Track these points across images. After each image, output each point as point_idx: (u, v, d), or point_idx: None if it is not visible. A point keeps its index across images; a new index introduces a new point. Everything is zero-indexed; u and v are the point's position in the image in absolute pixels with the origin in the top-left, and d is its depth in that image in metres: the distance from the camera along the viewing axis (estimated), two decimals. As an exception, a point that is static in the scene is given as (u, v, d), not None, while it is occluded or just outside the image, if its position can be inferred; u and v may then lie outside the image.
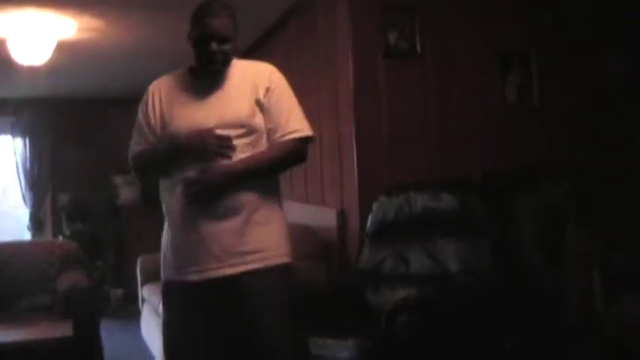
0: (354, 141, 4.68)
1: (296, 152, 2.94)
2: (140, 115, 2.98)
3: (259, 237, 2.85)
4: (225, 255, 2.79)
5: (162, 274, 2.98)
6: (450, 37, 4.88)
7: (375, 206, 4.32)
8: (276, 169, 2.98)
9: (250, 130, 2.85)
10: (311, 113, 3.24)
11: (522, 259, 3.98)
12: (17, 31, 5.93)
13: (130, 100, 9.37)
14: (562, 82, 5.00)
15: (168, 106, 2.91)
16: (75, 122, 9.57)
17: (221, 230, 2.78)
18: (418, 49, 4.79)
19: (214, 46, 2.80)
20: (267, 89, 2.90)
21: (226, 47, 2.83)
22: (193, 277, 2.81)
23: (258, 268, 2.82)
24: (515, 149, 4.83)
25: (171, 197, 2.88)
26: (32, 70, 6.73)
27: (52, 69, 6.91)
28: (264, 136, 2.89)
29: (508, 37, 4.98)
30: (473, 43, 4.92)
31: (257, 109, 2.88)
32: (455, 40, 4.89)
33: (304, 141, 2.95)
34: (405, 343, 3.53)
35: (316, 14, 5.36)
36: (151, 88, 3.00)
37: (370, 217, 4.33)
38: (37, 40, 5.99)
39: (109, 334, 5.87)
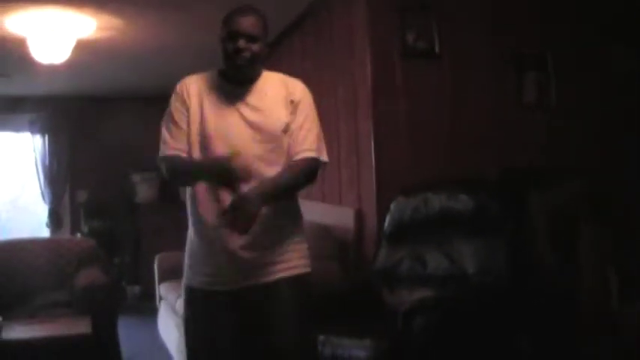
0: (371, 140, 4.68)
1: (308, 172, 2.96)
2: (175, 114, 2.94)
3: (282, 249, 2.91)
4: (252, 267, 2.86)
5: (185, 280, 3.03)
6: (467, 37, 4.87)
7: (392, 206, 4.32)
8: (293, 190, 2.99)
9: (279, 144, 2.89)
10: (329, 113, 3.28)
11: (537, 258, 3.97)
12: (37, 30, 5.96)
13: (149, 98, 9.48)
14: (579, 82, 4.99)
15: (201, 106, 2.90)
16: (93, 119, 9.60)
17: (247, 243, 2.83)
18: (436, 49, 4.79)
19: (242, 43, 2.82)
20: (292, 102, 2.93)
21: (255, 46, 2.85)
22: (219, 287, 2.88)
23: (281, 277, 2.89)
24: (532, 149, 4.82)
25: (198, 207, 2.91)
26: (52, 69, 6.77)
27: (71, 67, 6.95)
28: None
29: (525, 37, 4.97)
30: (490, 44, 4.91)
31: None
32: (472, 40, 4.88)
33: (316, 162, 2.97)
34: (421, 344, 3.54)
35: (333, 14, 5.36)
36: (183, 86, 2.96)
37: (387, 218, 4.33)
38: (57, 38, 6.02)
39: (126, 331, 5.89)
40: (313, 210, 5.35)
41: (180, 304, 5.35)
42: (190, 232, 2.99)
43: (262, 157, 2.86)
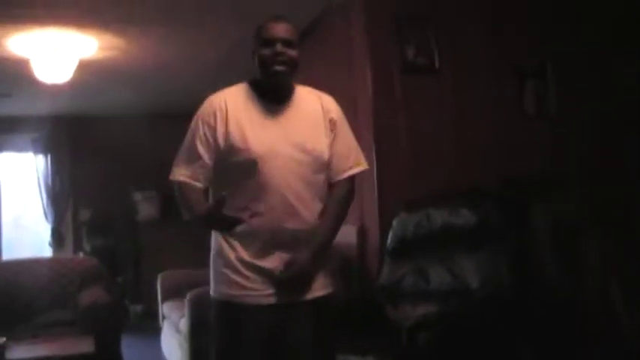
0: (373, 156, 4.69)
1: (351, 193, 3.03)
2: (198, 138, 2.83)
3: (320, 267, 2.91)
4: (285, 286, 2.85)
5: (215, 291, 2.95)
6: (466, 50, 4.89)
7: (394, 222, 4.32)
8: (343, 221, 3.04)
9: (322, 163, 2.90)
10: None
11: (540, 269, 3.97)
12: (40, 51, 6.00)
13: (152, 116, 9.46)
14: (578, 92, 5.00)
15: (241, 127, 2.81)
16: (95, 138, 9.61)
17: (284, 264, 2.82)
18: (436, 64, 4.81)
19: (279, 47, 2.79)
20: (331, 120, 2.95)
21: (291, 51, 2.82)
22: (263, 301, 2.83)
23: (320, 295, 2.91)
24: (533, 160, 4.83)
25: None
26: (54, 88, 6.79)
27: (74, 87, 6.98)
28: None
29: (524, 48, 4.99)
30: (489, 56, 4.92)
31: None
32: (471, 53, 4.90)
33: (354, 178, 3.03)
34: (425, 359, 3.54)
35: (333, 29, 5.39)
36: (214, 106, 2.84)
37: (390, 234, 4.33)
38: (60, 59, 6.06)
39: (130, 350, 5.87)
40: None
41: (183, 323, 5.35)
42: (217, 246, 2.92)
43: (305, 177, 2.84)
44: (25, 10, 5.17)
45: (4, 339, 4.75)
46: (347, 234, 4.99)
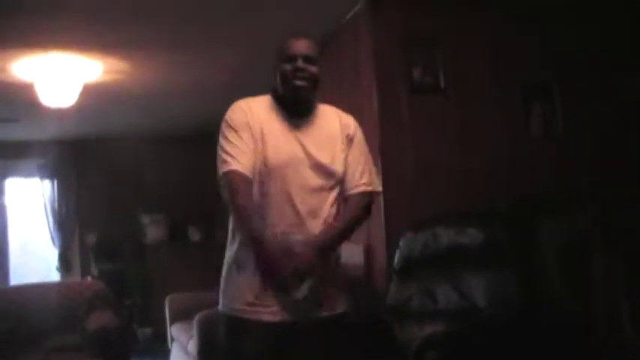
0: (380, 175, 4.67)
1: (366, 209, 3.01)
2: (240, 132, 2.81)
3: (332, 288, 2.91)
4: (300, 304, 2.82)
5: (224, 305, 2.93)
6: (472, 71, 4.89)
7: (401, 242, 4.31)
8: (354, 230, 3.03)
9: (336, 182, 2.92)
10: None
11: (548, 290, 3.95)
12: (44, 75, 6.02)
13: (158, 140, 9.46)
14: (585, 112, 4.99)
15: (262, 134, 2.84)
16: (101, 162, 9.63)
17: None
18: (442, 84, 4.81)
19: (300, 62, 2.83)
20: (347, 135, 2.98)
21: (312, 68, 2.87)
22: (273, 318, 2.82)
23: (332, 314, 2.91)
24: (540, 180, 4.81)
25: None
26: (59, 113, 6.81)
27: (79, 111, 6.99)
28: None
29: (531, 69, 4.98)
30: (496, 76, 4.92)
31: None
32: (478, 74, 4.90)
33: (371, 195, 3.02)
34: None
35: (340, 49, 5.39)
36: (243, 110, 2.88)
37: (397, 253, 4.32)
38: (64, 83, 6.07)
39: (138, 374, 5.87)
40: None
41: (192, 345, 5.34)
42: (232, 258, 2.91)
43: (318, 193, 2.87)
44: (29, 34, 5.19)
45: (12, 365, 4.75)
46: (354, 254, 4.99)
